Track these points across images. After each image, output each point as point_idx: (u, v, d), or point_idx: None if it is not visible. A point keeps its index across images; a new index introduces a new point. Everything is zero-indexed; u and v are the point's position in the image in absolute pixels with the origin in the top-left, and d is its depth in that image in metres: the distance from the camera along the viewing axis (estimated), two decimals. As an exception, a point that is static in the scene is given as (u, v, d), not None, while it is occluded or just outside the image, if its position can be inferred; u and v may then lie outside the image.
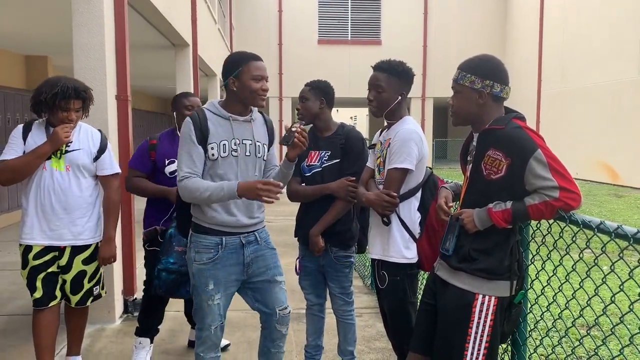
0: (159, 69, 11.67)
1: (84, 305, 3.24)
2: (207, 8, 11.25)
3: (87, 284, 3.18)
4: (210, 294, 2.58)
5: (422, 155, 2.64)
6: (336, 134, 3.16)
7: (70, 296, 3.17)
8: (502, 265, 2.07)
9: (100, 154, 3.17)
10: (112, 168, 3.25)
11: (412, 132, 2.61)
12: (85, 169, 3.11)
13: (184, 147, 2.52)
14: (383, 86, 2.67)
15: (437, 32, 22.27)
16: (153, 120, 21.31)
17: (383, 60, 2.73)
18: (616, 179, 15.87)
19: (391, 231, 2.65)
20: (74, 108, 3.01)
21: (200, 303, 2.63)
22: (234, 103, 2.59)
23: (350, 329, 3.32)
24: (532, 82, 20.45)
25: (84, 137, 3.15)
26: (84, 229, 3.10)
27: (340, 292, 3.24)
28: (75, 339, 3.39)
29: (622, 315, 1.77)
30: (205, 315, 2.62)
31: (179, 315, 4.65)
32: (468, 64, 2.17)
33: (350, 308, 3.30)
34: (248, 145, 2.60)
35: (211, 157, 2.52)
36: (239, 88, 2.54)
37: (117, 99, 4.50)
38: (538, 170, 1.91)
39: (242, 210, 2.61)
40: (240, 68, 2.52)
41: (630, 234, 1.63)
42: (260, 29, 21.44)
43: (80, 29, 4.24)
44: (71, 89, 2.97)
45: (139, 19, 6.44)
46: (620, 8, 15.63)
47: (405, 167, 2.58)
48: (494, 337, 2.09)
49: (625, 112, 15.43)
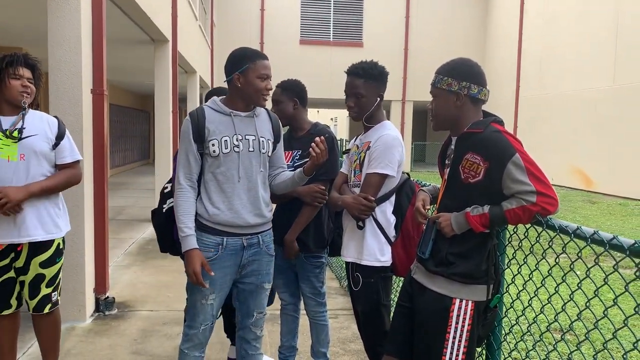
0: (138, 64, 11.51)
1: (41, 312, 2.96)
2: (188, 4, 11.15)
3: (44, 289, 2.93)
4: (204, 293, 2.54)
5: (401, 161, 2.66)
6: (309, 133, 3.12)
7: (28, 300, 2.94)
8: (479, 270, 2.06)
9: (59, 141, 2.91)
10: (72, 155, 2.97)
11: (394, 139, 2.62)
12: (44, 157, 2.84)
13: (182, 146, 2.52)
14: (362, 92, 2.66)
15: (418, 35, 22.43)
16: (132, 116, 21.06)
17: (356, 65, 2.70)
18: (590, 186, 16.15)
19: (365, 235, 2.63)
20: (24, 76, 2.80)
21: (194, 302, 2.58)
22: (236, 100, 2.55)
23: (322, 330, 3.29)
24: (510, 87, 20.73)
25: (38, 123, 2.86)
26: (39, 224, 2.84)
27: (311, 293, 3.21)
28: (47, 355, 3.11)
29: (596, 320, 1.77)
30: (197, 313, 2.58)
31: (151, 315, 4.58)
32: (445, 67, 2.18)
33: (323, 309, 3.26)
34: (251, 141, 2.54)
35: (212, 154, 2.47)
36: (244, 85, 2.49)
37: (93, 93, 4.40)
38: (516, 174, 1.91)
39: (248, 208, 2.54)
40: (247, 65, 2.47)
41: (606, 239, 1.63)
42: (242, 27, 21.34)
43: (56, 20, 4.14)
44: (20, 56, 2.82)
45: (117, 13, 6.33)
46: (596, 19, 15.94)
47: (386, 173, 2.58)
48: (471, 341, 2.08)
49: (600, 120, 15.73)
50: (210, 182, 2.52)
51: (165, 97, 8.78)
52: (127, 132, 19.97)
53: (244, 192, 2.53)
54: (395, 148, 2.60)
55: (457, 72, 2.12)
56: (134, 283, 5.54)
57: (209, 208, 2.51)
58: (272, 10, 21.78)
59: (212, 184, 2.51)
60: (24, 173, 2.79)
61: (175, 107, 9.15)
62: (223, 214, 2.50)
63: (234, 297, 2.75)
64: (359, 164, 2.71)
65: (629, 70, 14.64)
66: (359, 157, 2.72)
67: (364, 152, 2.68)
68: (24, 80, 2.81)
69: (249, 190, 2.54)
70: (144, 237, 7.82)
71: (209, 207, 2.51)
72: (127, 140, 20.12)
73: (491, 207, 1.98)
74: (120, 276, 5.77)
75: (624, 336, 4.09)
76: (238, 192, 2.52)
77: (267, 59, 2.56)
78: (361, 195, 2.57)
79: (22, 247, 2.86)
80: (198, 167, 2.51)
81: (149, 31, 7.73)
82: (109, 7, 5.56)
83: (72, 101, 4.16)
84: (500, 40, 21.76)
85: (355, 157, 2.76)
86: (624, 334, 4.09)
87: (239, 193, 2.52)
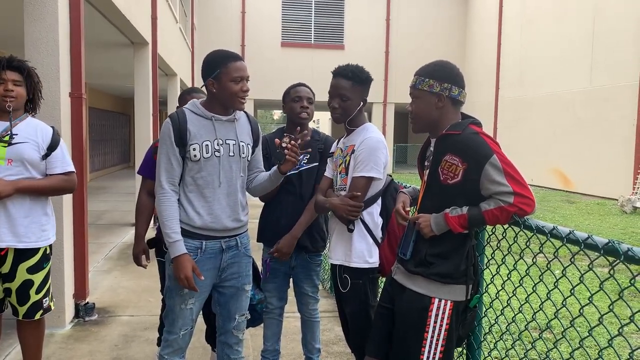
0: (118, 67, 11.41)
1: (32, 319, 2.92)
2: (168, 7, 11.08)
3: (34, 295, 2.88)
4: (184, 297, 2.51)
5: (386, 163, 2.68)
6: (314, 139, 3.19)
7: (17, 307, 2.88)
8: (458, 270, 2.08)
9: (51, 151, 2.86)
10: (63, 166, 2.92)
11: (379, 141, 2.64)
12: (33, 166, 2.80)
13: (162, 148, 2.46)
14: (348, 95, 2.67)
15: (399, 38, 22.57)
16: (113, 119, 20.83)
17: (343, 67, 2.71)
18: (568, 186, 16.39)
19: (353, 237, 2.65)
20: (9, 79, 2.74)
21: (173, 306, 2.55)
22: (214, 104, 2.53)
23: (317, 327, 3.43)
24: (490, 88, 20.96)
25: (31, 131, 2.82)
26: (26, 230, 2.80)
27: (312, 292, 3.30)
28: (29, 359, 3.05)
29: (572, 318, 1.80)
30: (176, 318, 2.55)
31: (132, 320, 4.54)
32: (425, 69, 2.19)
33: (317, 306, 3.39)
34: (232, 146, 2.52)
35: (193, 158, 2.44)
36: (219, 90, 2.46)
37: (71, 96, 4.35)
38: (493, 175, 1.93)
39: (227, 213, 2.54)
40: (219, 70, 2.44)
41: (581, 239, 1.66)
42: (223, 29, 21.26)
43: (32, 22, 4.08)
44: (3, 59, 2.75)
45: (96, 15, 6.27)
46: (573, 22, 16.22)
47: (372, 176, 2.59)
48: (449, 341, 2.10)
49: (578, 121, 15.98)
50: (190, 186, 2.49)
51: (146, 100, 8.71)
52: (107, 135, 19.75)
53: (223, 197, 2.52)
54: (380, 150, 2.62)
55: (438, 74, 2.14)
56: (115, 288, 5.48)
57: (190, 213, 2.49)
58: (253, 13, 21.74)
59: (192, 188, 2.49)
60: (9, 178, 2.73)
61: (155, 110, 9.08)
62: (202, 219, 2.49)
63: (214, 302, 2.72)
64: (345, 167, 2.72)
65: (605, 71, 14.91)
66: (344, 161, 2.73)
67: (349, 155, 2.69)
68: (7, 84, 2.75)
69: (228, 195, 2.54)
70: (124, 242, 7.74)
71: (190, 212, 2.49)
72: (107, 144, 19.90)
73: (469, 208, 2.00)
74: (101, 281, 5.70)
75: (601, 333, 4.16)
76: (218, 197, 2.51)
77: (241, 59, 2.51)
78: (349, 195, 2.58)
79: (5, 252, 2.79)
80: (180, 170, 2.48)
81: (128, 34, 7.67)
82: (88, 9, 5.50)
83: (50, 105, 4.10)
84: (480, 42, 22.01)
85: (340, 160, 2.77)
86: (601, 331, 4.17)
87: (219, 198, 2.51)
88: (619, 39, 14.37)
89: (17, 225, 2.78)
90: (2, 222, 2.75)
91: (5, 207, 2.75)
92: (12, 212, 2.77)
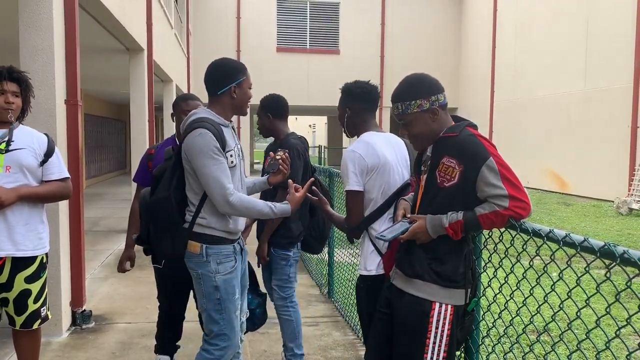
0: (114, 73, 11.40)
1: (30, 329, 2.91)
2: (163, 13, 11.09)
3: (32, 304, 2.86)
4: (237, 303, 2.58)
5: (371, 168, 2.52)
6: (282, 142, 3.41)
7: (15, 317, 2.86)
8: (457, 273, 2.08)
9: (48, 158, 2.86)
10: (60, 172, 2.93)
11: (348, 152, 2.54)
12: (31, 172, 2.80)
13: (208, 160, 2.38)
14: (338, 108, 2.79)
15: (394, 42, 22.61)
16: (108, 126, 20.80)
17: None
18: (565, 188, 16.43)
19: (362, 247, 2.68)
20: (9, 90, 2.76)
21: (229, 317, 2.53)
22: (228, 110, 2.58)
23: (287, 325, 3.50)
24: (485, 92, 21.00)
25: (27, 138, 2.83)
26: (24, 238, 2.79)
27: (276, 284, 3.48)
28: None
29: (570, 321, 1.80)
30: (234, 326, 2.56)
31: (129, 327, 4.52)
32: (406, 92, 2.15)
33: (285, 303, 3.48)
34: (240, 150, 2.67)
35: (230, 165, 2.50)
36: (239, 96, 2.56)
37: (67, 103, 4.35)
38: (489, 177, 1.94)
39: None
40: (244, 76, 2.56)
41: (577, 242, 1.66)
42: (219, 35, 21.26)
43: (27, 30, 4.08)
44: (4, 69, 2.77)
45: (91, 22, 6.27)
46: (568, 25, 16.27)
47: (351, 189, 2.52)
48: (451, 345, 2.10)
49: (573, 123, 16.04)
50: None
51: (141, 106, 8.71)
52: (103, 142, 19.70)
53: None
54: (347, 162, 2.52)
55: (423, 91, 2.13)
56: (112, 295, 5.46)
57: (223, 219, 2.53)
58: (248, 18, 21.76)
59: None
60: (8, 185, 2.72)
61: (151, 116, 9.07)
62: (233, 223, 2.58)
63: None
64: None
65: (599, 73, 14.97)
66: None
67: None
68: (8, 96, 2.76)
69: None
70: (121, 249, 7.72)
71: (223, 218, 2.53)
72: (103, 150, 19.86)
73: (465, 213, 2.00)
74: (98, 288, 5.68)
75: (599, 336, 4.16)
76: None
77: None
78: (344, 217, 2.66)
79: (3, 261, 2.77)
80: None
81: (123, 40, 7.67)
82: (83, 16, 5.50)
83: (46, 112, 4.09)
84: (475, 47, 22.06)
85: None
86: (599, 333, 4.17)
87: None
88: (613, 41, 14.44)
89: (16, 233, 2.77)
90: (1, 230, 2.74)
91: (5, 215, 2.74)
92: (11, 220, 2.76)
